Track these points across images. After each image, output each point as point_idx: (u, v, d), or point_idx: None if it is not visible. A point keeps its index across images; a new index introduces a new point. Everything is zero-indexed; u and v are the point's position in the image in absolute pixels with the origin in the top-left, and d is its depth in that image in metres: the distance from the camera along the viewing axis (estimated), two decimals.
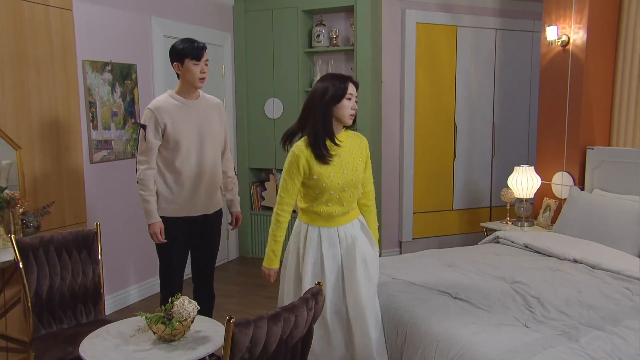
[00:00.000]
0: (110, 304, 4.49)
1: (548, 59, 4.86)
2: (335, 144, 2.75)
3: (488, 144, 6.34)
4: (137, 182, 3.19)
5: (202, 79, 3.21)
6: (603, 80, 4.62)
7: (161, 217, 3.23)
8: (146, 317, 2.39)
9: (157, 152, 3.20)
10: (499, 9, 6.19)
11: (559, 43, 4.69)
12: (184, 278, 3.50)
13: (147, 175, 3.17)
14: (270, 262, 2.89)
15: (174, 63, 3.19)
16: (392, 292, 3.10)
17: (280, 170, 6.00)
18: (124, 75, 4.53)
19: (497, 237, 4.33)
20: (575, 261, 3.65)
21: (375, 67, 5.61)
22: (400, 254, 5.79)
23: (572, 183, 4.65)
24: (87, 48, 4.20)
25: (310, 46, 5.82)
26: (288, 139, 2.88)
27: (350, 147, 2.84)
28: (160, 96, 3.28)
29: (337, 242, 2.86)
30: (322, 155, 2.72)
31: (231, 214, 3.68)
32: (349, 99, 2.75)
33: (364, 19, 5.43)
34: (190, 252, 3.50)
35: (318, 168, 2.73)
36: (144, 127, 3.16)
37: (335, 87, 2.72)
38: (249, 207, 6.08)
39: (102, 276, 3.19)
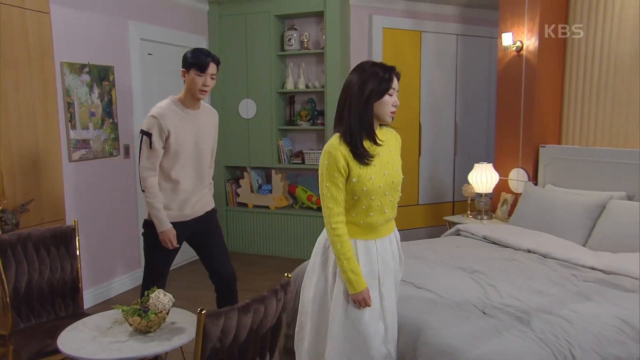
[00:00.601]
0: (90, 298, 4.43)
1: (504, 63, 4.93)
2: (377, 144, 2.30)
3: (450, 142, 6.41)
4: (144, 190, 3.04)
5: (203, 91, 3.05)
6: (553, 83, 4.71)
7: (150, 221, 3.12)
8: (123, 310, 2.38)
9: (160, 159, 3.05)
10: (460, 16, 6.25)
11: (514, 48, 4.76)
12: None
13: (153, 183, 3.03)
14: (358, 284, 2.23)
15: (182, 70, 3.07)
16: None
17: (254, 168, 6.00)
18: (101, 76, 4.46)
19: (459, 230, 4.38)
20: (529, 251, 3.73)
21: (344, 69, 5.62)
22: None
23: (526, 179, 4.73)
24: (65, 50, 4.13)
25: (283, 49, 5.81)
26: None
27: (388, 145, 2.40)
28: (162, 102, 3.10)
29: (375, 258, 2.35)
30: (361, 154, 2.24)
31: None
32: (391, 94, 2.29)
33: (333, 24, 5.45)
34: (198, 252, 3.40)
35: (358, 169, 2.24)
36: (148, 134, 2.97)
37: (376, 80, 2.24)
38: (224, 204, 6.06)
39: (80, 271, 3.14)
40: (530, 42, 4.63)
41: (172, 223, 3.11)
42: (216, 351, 1.75)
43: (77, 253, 3.13)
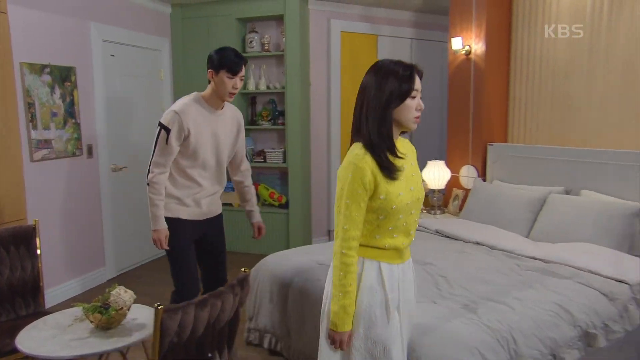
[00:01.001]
0: (53, 297, 4.32)
1: (454, 66, 5.00)
2: (397, 157, 1.88)
3: None
4: (148, 184, 2.80)
5: (233, 93, 2.84)
6: (500, 86, 4.80)
7: (173, 217, 2.90)
8: (83, 307, 2.33)
9: (174, 157, 2.83)
10: (414, 21, 6.33)
11: (463, 52, 4.83)
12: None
13: (160, 180, 2.80)
14: (344, 324, 1.86)
15: (209, 70, 2.81)
16: (317, 277, 3.11)
17: None
18: (63, 77, 4.35)
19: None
20: (477, 243, 3.81)
21: (304, 70, 5.63)
22: (329, 241, 5.85)
23: (476, 175, 4.81)
24: (25, 50, 4.01)
25: (244, 51, 5.77)
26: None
27: (408, 156, 1.99)
28: (185, 98, 2.87)
29: (397, 285, 1.99)
30: (388, 167, 1.86)
31: (252, 224, 3.28)
32: (414, 97, 1.90)
33: (293, 27, 5.45)
34: (200, 255, 3.14)
35: (385, 184, 1.85)
36: (167, 129, 2.74)
37: (396, 82, 1.86)
38: None
39: (42, 270, 3.06)
40: (478, 47, 4.72)
41: (187, 220, 2.95)
42: (174, 345, 1.73)
43: (38, 252, 3.05)
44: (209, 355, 1.93)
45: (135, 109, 5.34)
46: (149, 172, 2.81)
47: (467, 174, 4.90)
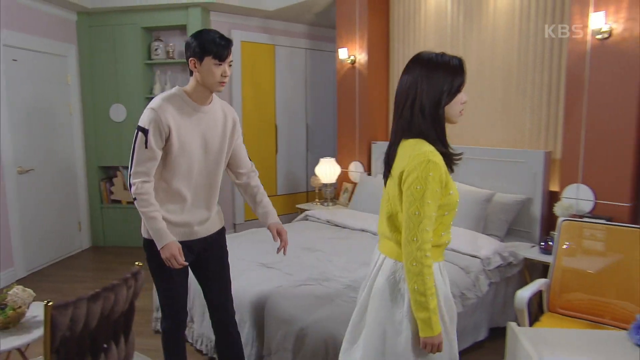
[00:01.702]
0: None
1: (342, 73, 5.12)
2: (453, 155, 1.70)
3: (303, 140, 6.55)
4: (135, 198, 2.14)
5: (223, 83, 2.20)
6: (381, 90, 4.97)
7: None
8: None
9: (158, 163, 2.17)
10: (308, 33, 6.40)
11: (349, 61, 4.96)
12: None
13: (146, 189, 2.14)
14: (437, 325, 1.62)
15: (190, 59, 2.15)
16: None
17: (126, 168, 5.71)
18: None
19: (307, 216, 4.50)
20: (362, 230, 3.92)
21: None
22: (234, 233, 5.81)
23: (362, 170, 4.97)
24: None
25: (150, 58, 5.59)
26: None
27: None
28: (165, 93, 2.21)
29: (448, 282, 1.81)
30: (451, 162, 1.69)
31: (268, 228, 2.51)
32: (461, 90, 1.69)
33: None
34: (200, 282, 2.47)
35: (450, 178, 1.67)
36: (144, 130, 2.12)
37: (448, 75, 1.64)
38: (99, 201, 5.73)
39: None
40: (361, 56, 4.86)
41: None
42: (66, 339, 1.66)
43: None
44: (104, 345, 1.87)
45: (42, 112, 5.01)
46: (130, 186, 2.16)
47: (355, 169, 5.04)
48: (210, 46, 2.12)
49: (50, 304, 1.60)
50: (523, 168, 3.73)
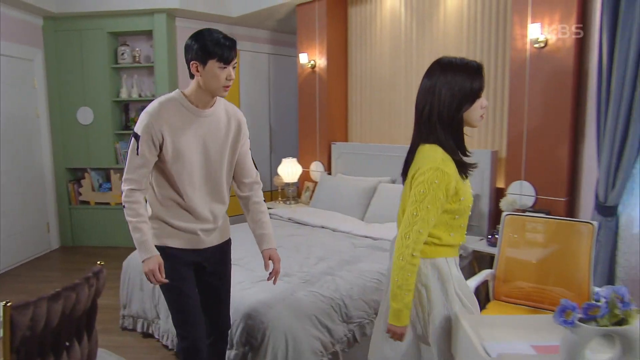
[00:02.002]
0: None
1: (303, 77, 5.14)
2: (466, 155, 1.69)
3: (267, 142, 6.54)
4: (124, 205, 1.97)
5: (228, 86, 1.98)
6: (340, 94, 5.00)
7: (159, 246, 2.03)
8: None
9: (150, 171, 1.99)
10: (271, 39, 6.39)
11: (309, 66, 4.98)
12: None
13: (136, 198, 1.95)
14: (405, 318, 1.66)
15: (192, 62, 1.93)
16: None
17: (94, 169, 5.59)
18: None
19: (270, 214, 4.48)
20: (322, 227, 3.94)
21: (173, 80, 5.47)
22: None
23: (323, 169, 5.00)
24: None
25: (116, 62, 5.48)
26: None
27: None
28: (163, 97, 2.02)
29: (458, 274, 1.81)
30: (465, 168, 1.67)
31: (262, 254, 2.22)
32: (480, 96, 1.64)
33: (161, 42, 5.27)
34: (200, 291, 2.19)
35: (462, 185, 1.66)
36: (136, 136, 1.94)
37: (467, 80, 1.60)
38: (67, 202, 5.58)
39: None
40: (321, 61, 4.89)
41: (179, 249, 2.07)
42: (27, 339, 1.62)
43: None
44: (67, 344, 1.83)
45: (9, 115, 4.83)
46: (122, 193, 1.98)
47: (316, 169, 5.06)
48: (214, 48, 1.89)
49: (9, 304, 1.56)
50: None
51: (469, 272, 3.45)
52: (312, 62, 4.93)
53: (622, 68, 2.57)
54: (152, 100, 2.04)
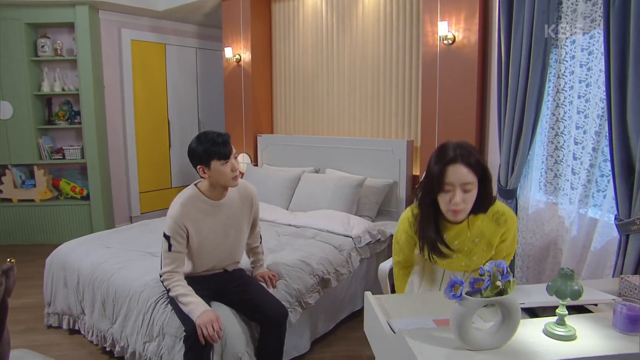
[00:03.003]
0: None
1: (228, 71, 5.04)
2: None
3: (195, 135, 6.35)
4: (168, 289, 2.23)
5: (236, 177, 2.19)
6: (265, 87, 4.95)
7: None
8: None
9: (183, 260, 2.24)
10: (197, 33, 6.20)
11: (235, 60, 4.89)
12: None
13: (179, 282, 2.19)
14: None
15: (198, 167, 2.16)
16: (104, 259, 2.95)
17: (16, 165, 5.21)
18: None
19: None
20: None
21: (97, 74, 5.18)
22: (130, 224, 5.53)
23: (249, 161, 4.94)
24: None
25: (36, 55, 5.10)
26: None
27: None
28: (183, 196, 2.23)
29: None
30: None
31: (255, 278, 2.56)
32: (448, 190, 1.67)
33: (84, 34, 4.96)
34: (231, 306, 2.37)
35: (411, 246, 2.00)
36: (167, 237, 2.18)
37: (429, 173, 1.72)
38: None
39: None
40: (245, 55, 4.81)
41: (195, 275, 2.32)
42: None
43: None
44: None
45: None
46: (163, 281, 2.24)
47: (243, 160, 5.00)
48: (212, 149, 2.10)
49: None
50: (389, 155, 3.92)
51: (387, 256, 3.54)
52: (237, 56, 4.84)
53: (516, 63, 2.71)
54: (77, 94, 2.15)
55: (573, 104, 2.51)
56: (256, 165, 4.89)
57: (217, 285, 2.37)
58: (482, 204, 1.72)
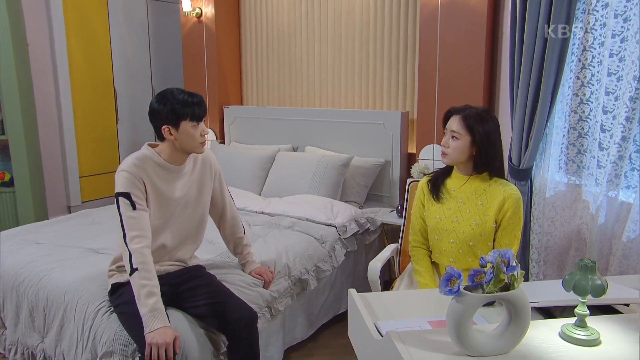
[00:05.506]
0: None
1: (187, 28, 4.96)
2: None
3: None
4: (135, 268, 2.04)
5: (205, 142, 2.25)
6: (232, 49, 4.90)
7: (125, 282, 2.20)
8: None
9: (148, 218, 2.17)
10: None
11: (194, 14, 4.81)
12: None
13: (146, 257, 2.08)
14: None
15: (163, 127, 2.17)
16: (31, 259, 2.85)
17: None
18: None
19: None
20: None
21: (17, 29, 5.01)
22: (65, 215, 5.44)
23: (214, 138, 4.89)
24: None
25: None
26: None
27: None
28: (134, 155, 2.24)
29: None
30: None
31: (250, 275, 2.62)
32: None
33: None
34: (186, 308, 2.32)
35: (432, 206, 2.41)
36: (126, 195, 2.12)
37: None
38: None
39: None
40: (208, 9, 4.73)
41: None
42: None
43: None
44: None
45: None
46: (130, 256, 2.06)
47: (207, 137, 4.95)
48: (183, 109, 2.14)
49: None
50: (380, 130, 3.91)
51: (379, 249, 3.55)
52: (197, 11, 4.76)
53: (534, 16, 2.68)
54: None
55: (603, 64, 2.44)
56: (222, 142, 4.85)
57: (172, 288, 2.30)
58: (479, 163, 2.20)
